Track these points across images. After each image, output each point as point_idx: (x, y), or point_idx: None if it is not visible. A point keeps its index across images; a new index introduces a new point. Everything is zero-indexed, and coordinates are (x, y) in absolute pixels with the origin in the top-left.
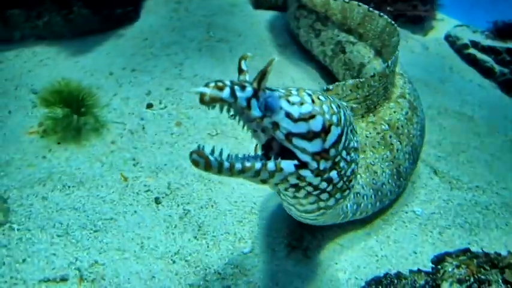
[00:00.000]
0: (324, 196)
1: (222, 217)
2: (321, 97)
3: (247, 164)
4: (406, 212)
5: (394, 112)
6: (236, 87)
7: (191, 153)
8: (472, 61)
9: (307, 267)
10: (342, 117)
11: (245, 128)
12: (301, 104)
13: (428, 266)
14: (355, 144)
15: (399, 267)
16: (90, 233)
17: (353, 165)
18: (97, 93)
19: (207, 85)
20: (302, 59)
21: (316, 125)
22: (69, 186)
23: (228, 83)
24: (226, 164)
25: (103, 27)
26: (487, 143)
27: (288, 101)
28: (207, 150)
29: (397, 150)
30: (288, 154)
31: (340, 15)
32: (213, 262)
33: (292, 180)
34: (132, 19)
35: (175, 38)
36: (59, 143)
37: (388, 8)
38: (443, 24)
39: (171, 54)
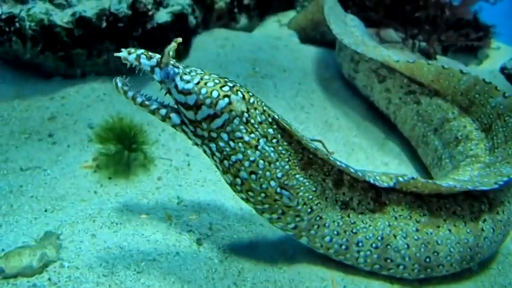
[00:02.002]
0: (220, 166)
1: (263, 262)
2: (209, 83)
3: (146, 102)
4: None
5: (501, 190)
6: (143, 56)
7: (115, 78)
8: None
9: None
10: (220, 104)
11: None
12: (187, 82)
13: None
14: (248, 139)
15: None
16: (134, 274)
17: (240, 156)
18: (147, 130)
19: (125, 50)
20: (347, 95)
21: (190, 100)
22: (116, 223)
23: (139, 52)
24: (129, 93)
25: None
26: None
27: (181, 77)
28: (124, 81)
29: (485, 238)
30: None
31: (406, 73)
32: None
33: (180, 131)
34: (182, 56)
35: (222, 73)
36: (110, 178)
37: (438, 38)
38: (499, 52)
39: None
